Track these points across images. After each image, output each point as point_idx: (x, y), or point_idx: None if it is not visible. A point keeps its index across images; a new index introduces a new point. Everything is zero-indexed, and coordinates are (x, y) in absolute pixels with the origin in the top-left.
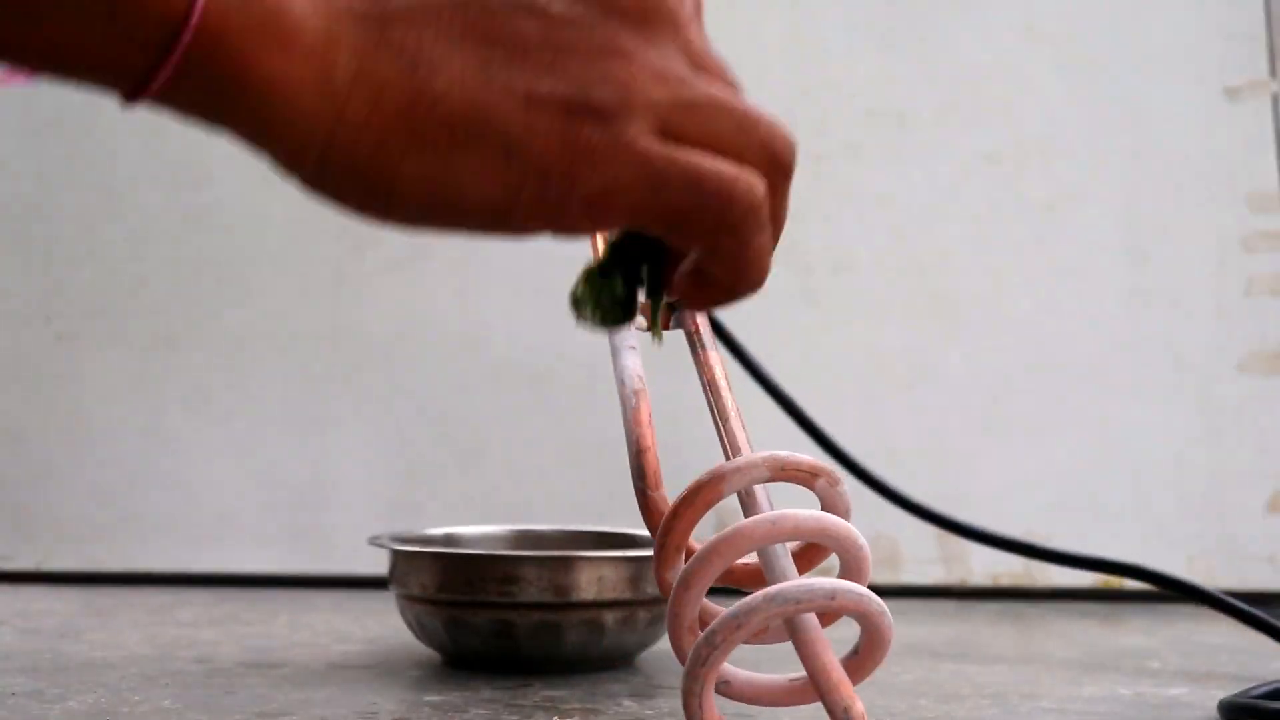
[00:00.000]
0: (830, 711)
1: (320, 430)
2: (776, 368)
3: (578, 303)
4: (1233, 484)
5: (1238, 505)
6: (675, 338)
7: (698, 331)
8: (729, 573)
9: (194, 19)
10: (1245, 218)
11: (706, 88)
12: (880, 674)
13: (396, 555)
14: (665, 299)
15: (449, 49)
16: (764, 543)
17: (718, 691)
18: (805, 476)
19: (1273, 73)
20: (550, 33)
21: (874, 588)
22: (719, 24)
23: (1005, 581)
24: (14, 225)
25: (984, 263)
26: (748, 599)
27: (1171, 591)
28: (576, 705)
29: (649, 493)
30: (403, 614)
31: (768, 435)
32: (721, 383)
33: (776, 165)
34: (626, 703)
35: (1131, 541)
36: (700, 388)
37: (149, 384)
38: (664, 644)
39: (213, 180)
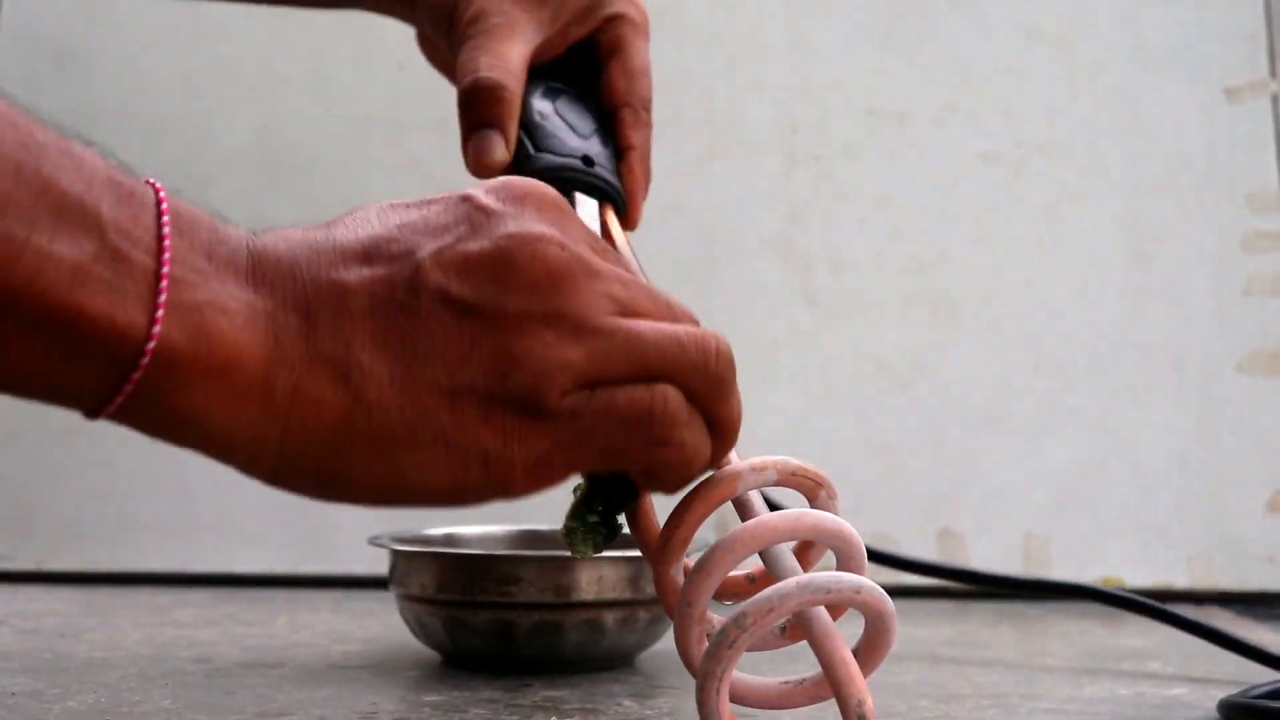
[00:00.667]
0: (843, 704)
1: None
2: (776, 367)
3: (570, 537)
4: (1233, 484)
5: (1238, 505)
6: None
7: None
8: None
9: (142, 365)
10: (1245, 218)
11: (627, 328)
12: (880, 674)
13: (396, 555)
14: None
15: (374, 356)
16: (786, 537)
17: None
18: (810, 485)
19: (1273, 73)
20: (463, 324)
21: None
22: (719, 24)
23: None
24: None
25: (984, 263)
26: (780, 585)
27: (1116, 606)
28: (576, 705)
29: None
30: (403, 614)
31: None
32: None
33: (708, 375)
34: (626, 703)
35: (1131, 541)
36: None
37: None
38: (664, 644)
39: (213, 181)
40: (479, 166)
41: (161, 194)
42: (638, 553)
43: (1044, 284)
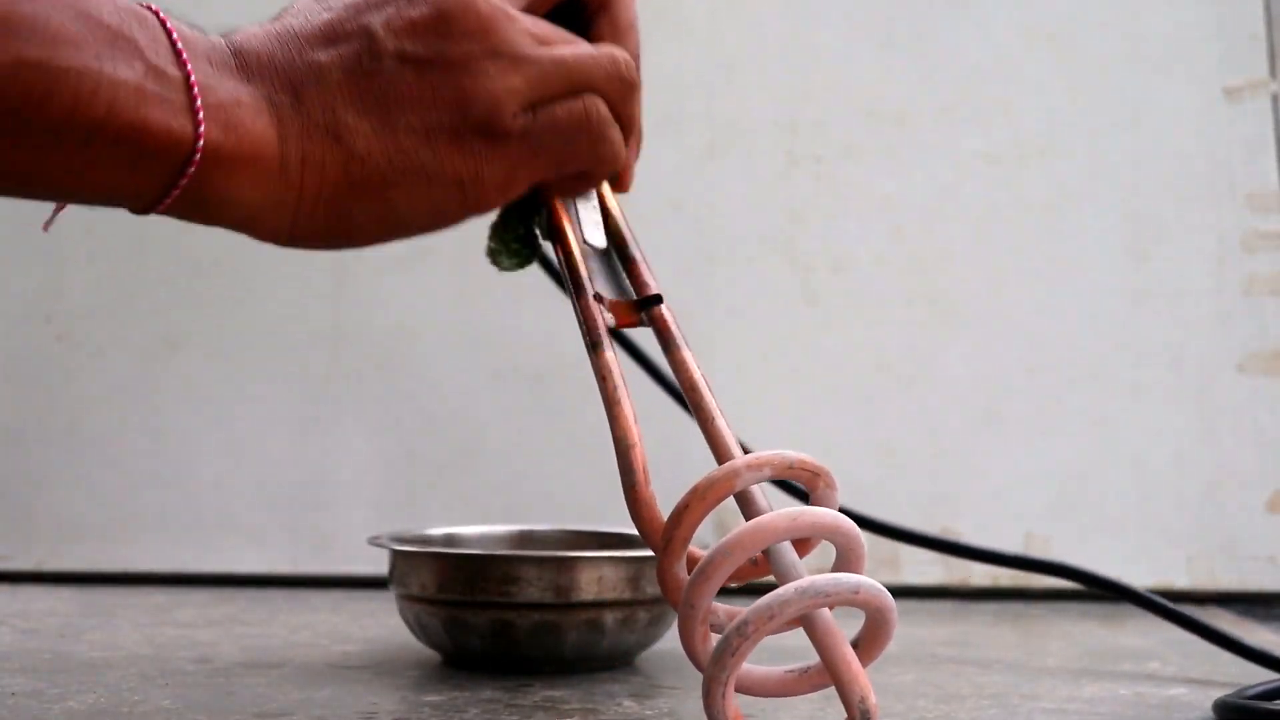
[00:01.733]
0: (846, 700)
1: (320, 430)
2: (776, 367)
3: (493, 253)
4: (1233, 484)
5: (1238, 505)
6: (647, 336)
7: (669, 332)
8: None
9: (195, 161)
10: (1245, 218)
11: (550, 53)
12: (880, 674)
13: (396, 555)
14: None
15: (356, 113)
16: (787, 536)
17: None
18: (809, 476)
19: (1273, 73)
20: (422, 75)
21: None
22: (719, 24)
23: (1005, 582)
24: (14, 225)
25: (984, 263)
26: (779, 591)
27: (1101, 591)
28: (576, 705)
29: (639, 489)
30: (402, 614)
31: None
32: (701, 383)
33: (622, 81)
34: (626, 703)
35: (1131, 541)
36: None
37: (149, 384)
38: (664, 644)
39: None
40: None
41: (159, 13)
42: (637, 553)
43: (1044, 284)
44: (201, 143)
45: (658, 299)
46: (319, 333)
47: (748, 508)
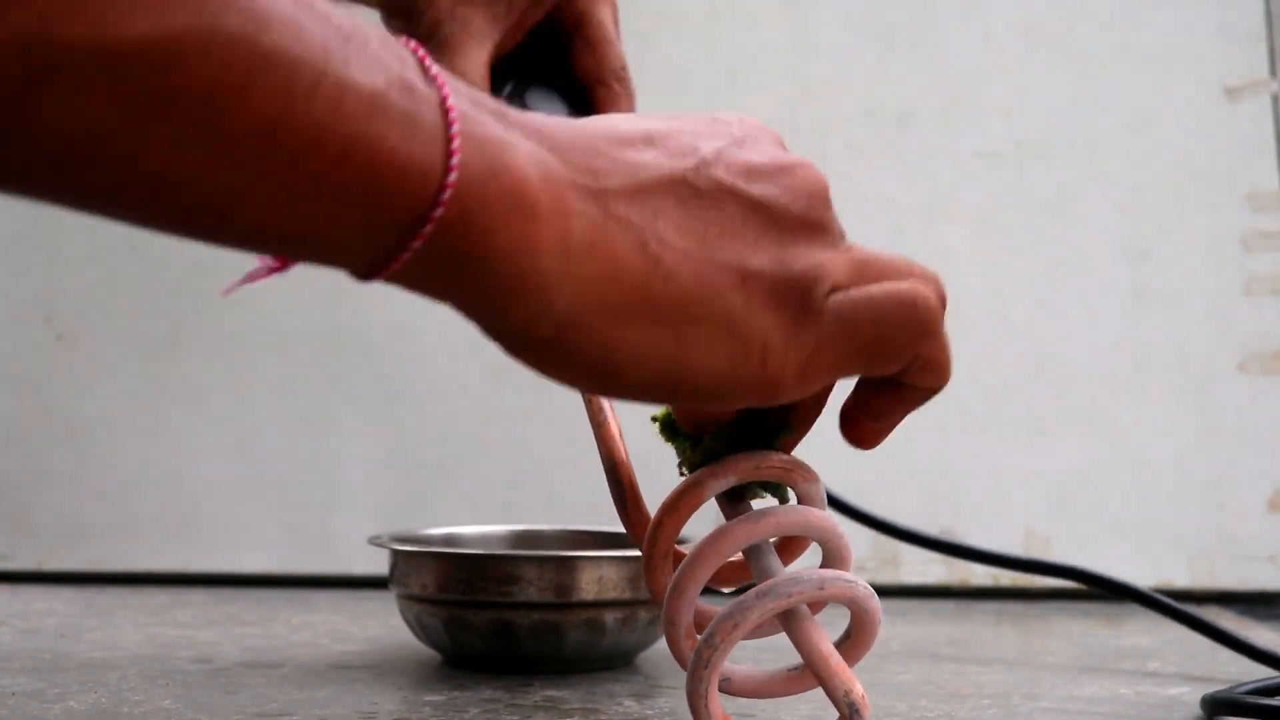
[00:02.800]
0: (832, 696)
1: (320, 430)
2: None
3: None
4: (1233, 483)
5: (1238, 505)
6: None
7: None
8: (716, 574)
9: (444, 201)
10: (1245, 217)
11: (869, 250)
12: (880, 674)
13: (397, 555)
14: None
15: (669, 226)
16: (747, 541)
17: (720, 689)
18: (781, 473)
19: (1273, 72)
20: (749, 216)
21: (875, 587)
22: (719, 24)
23: (1006, 581)
24: (14, 225)
25: (984, 263)
26: (740, 598)
27: (1103, 591)
28: (576, 705)
29: (629, 506)
30: (403, 614)
31: None
32: None
33: (939, 293)
34: (626, 703)
35: (1132, 541)
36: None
37: (149, 384)
38: (664, 644)
39: None
40: None
41: (415, 47)
42: (638, 553)
43: (1044, 284)
44: (453, 176)
45: None
46: (319, 333)
47: (734, 514)
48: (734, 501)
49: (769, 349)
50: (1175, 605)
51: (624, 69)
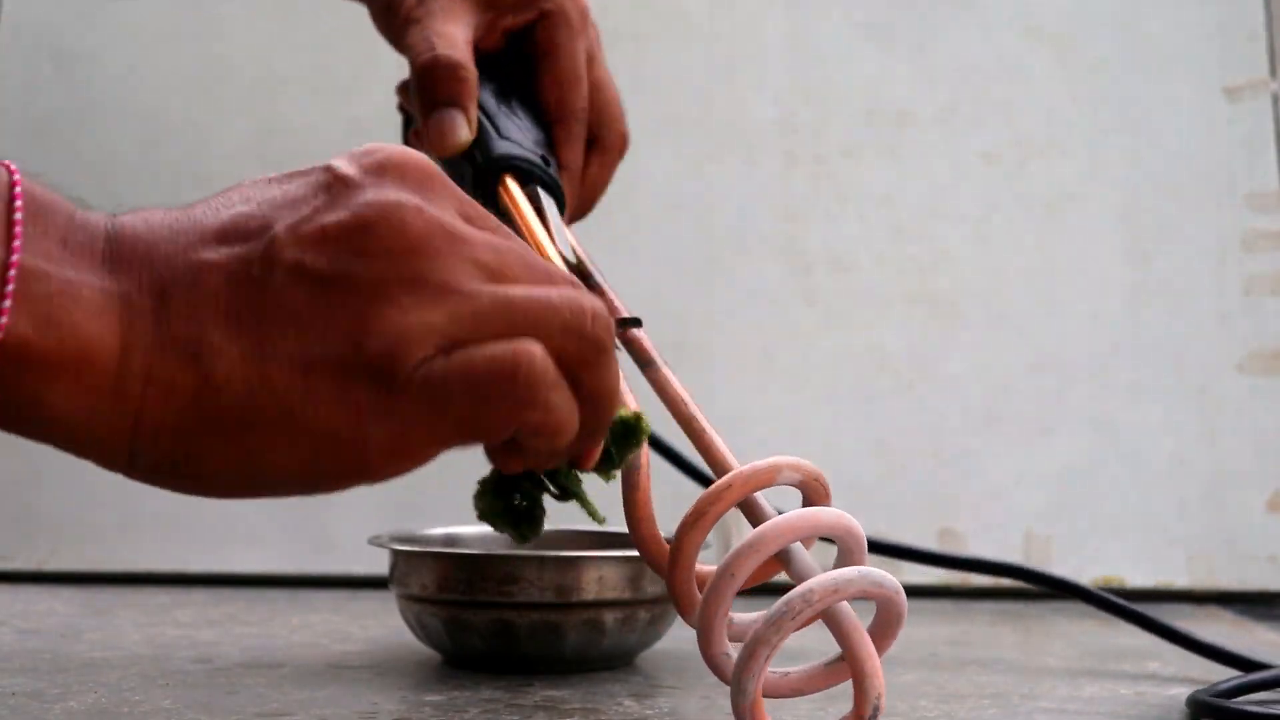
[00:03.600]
0: (864, 694)
1: None
2: (776, 367)
3: (483, 517)
4: (1233, 483)
5: (1238, 505)
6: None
7: (646, 352)
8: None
9: None
10: (1245, 217)
11: (491, 291)
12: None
13: (397, 555)
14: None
15: (226, 333)
16: (797, 536)
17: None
18: (798, 478)
19: (1273, 72)
20: (317, 296)
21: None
22: (719, 24)
23: (1006, 582)
24: None
25: (984, 263)
26: (815, 581)
27: (1050, 590)
28: (576, 705)
29: (638, 507)
30: (403, 614)
31: None
32: (686, 398)
33: (584, 339)
34: (626, 703)
35: (1131, 541)
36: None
37: None
38: (664, 644)
39: (213, 181)
40: (441, 146)
41: (16, 177)
42: (636, 553)
43: (1044, 284)
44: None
45: (637, 321)
46: None
47: (753, 512)
48: (754, 510)
49: (341, 440)
50: (1121, 603)
51: (584, 110)
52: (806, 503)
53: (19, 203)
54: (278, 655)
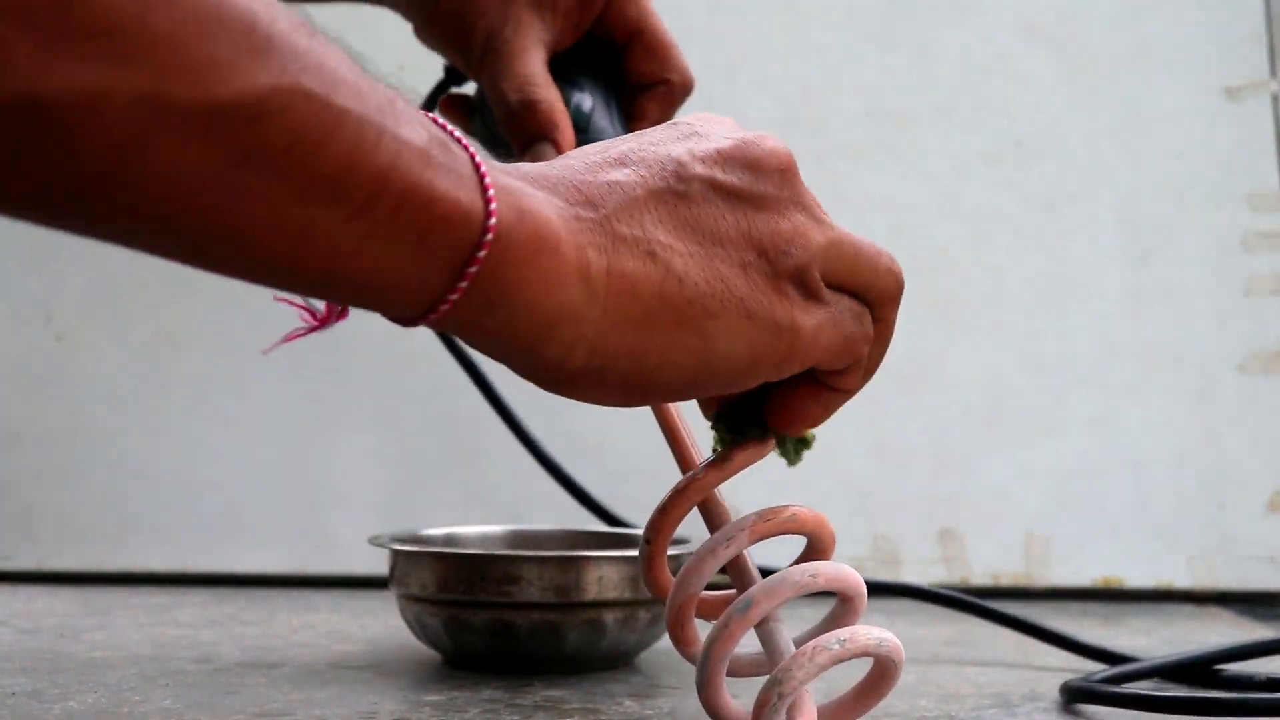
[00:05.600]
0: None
1: (320, 430)
2: None
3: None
4: (1233, 483)
5: (1238, 505)
6: None
7: None
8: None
9: (487, 243)
10: (1245, 217)
11: (841, 230)
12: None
13: (397, 555)
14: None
15: (669, 234)
16: (802, 592)
17: None
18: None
19: (1273, 73)
20: (735, 207)
21: (874, 587)
22: (719, 24)
23: (1005, 581)
24: (14, 225)
25: (984, 263)
26: (818, 641)
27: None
28: (576, 705)
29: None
30: (403, 614)
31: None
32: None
33: (897, 285)
34: (627, 703)
35: (1131, 541)
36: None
37: (149, 384)
38: (664, 644)
39: None
40: None
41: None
42: (638, 552)
43: (1044, 284)
44: (494, 220)
45: None
46: (319, 332)
47: (711, 513)
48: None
49: (783, 330)
50: (970, 600)
51: (688, 74)
52: (810, 553)
53: (443, 124)
54: (278, 655)
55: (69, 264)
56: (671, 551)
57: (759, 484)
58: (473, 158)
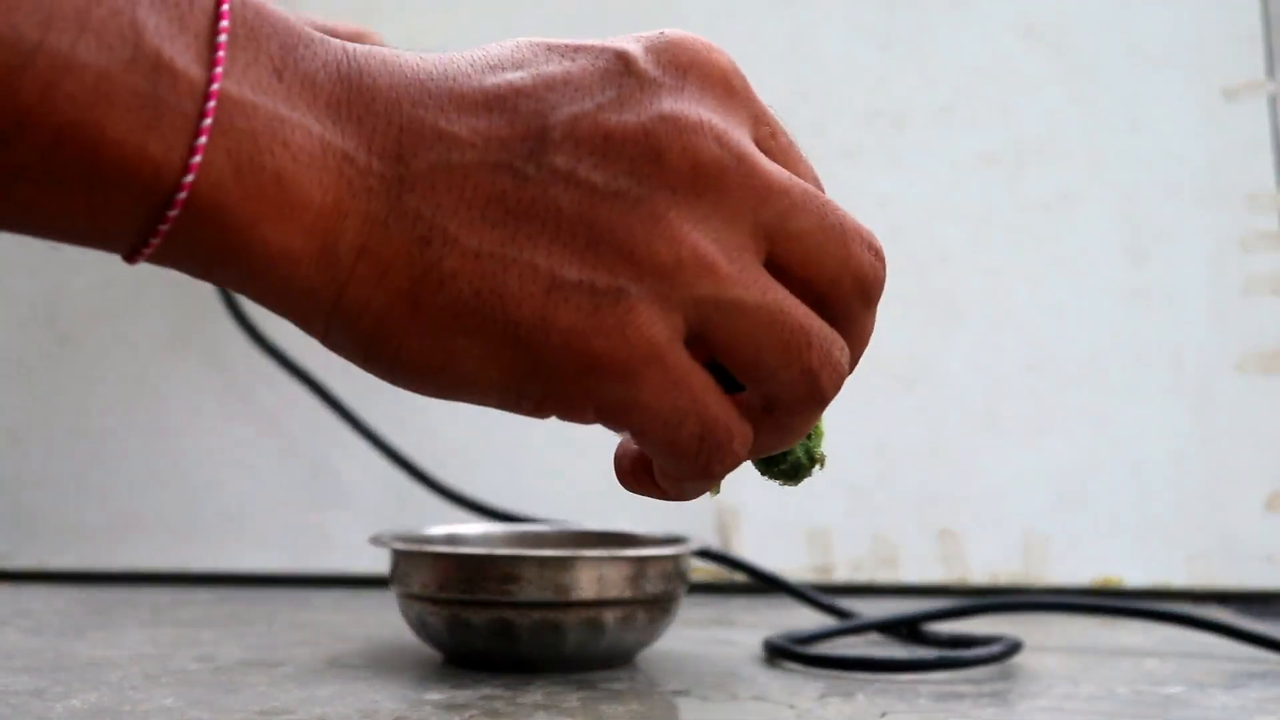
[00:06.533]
0: None
1: (321, 430)
2: None
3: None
4: (1231, 483)
5: (1236, 504)
6: None
7: None
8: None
9: (179, 202)
10: (1243, 218)
11: (769, 287)
12: (880, 672)
13: (397, 554)
14: None
15: (468, 221)
16: None
17: None
18: None
19: (1270, 73)
20: (585, 209)
21: (874, 586)
22: (719, 24)
23: (1004, 580)
24: None
25: (983, 263)
26: None
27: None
28: (576, 705)
29: None
30: (404, 613)
31: None
32: None
33: (877, 261)
34: (626, 703)
35: (1130, 540)
36: None
37: (151, 385)
38: (664, 644)
39: None
40: None
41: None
42: (637, 552)
43: (1043, 284)
44: (191, 176)
45: None
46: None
47: None
48: None
49: (561, 378)
50: (823, 600)
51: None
52: None
53: (225, 22)
54: (279, 654)
55: (72, 266)
56: (671, 551)
57: (759, 484)
58: (210, 83)
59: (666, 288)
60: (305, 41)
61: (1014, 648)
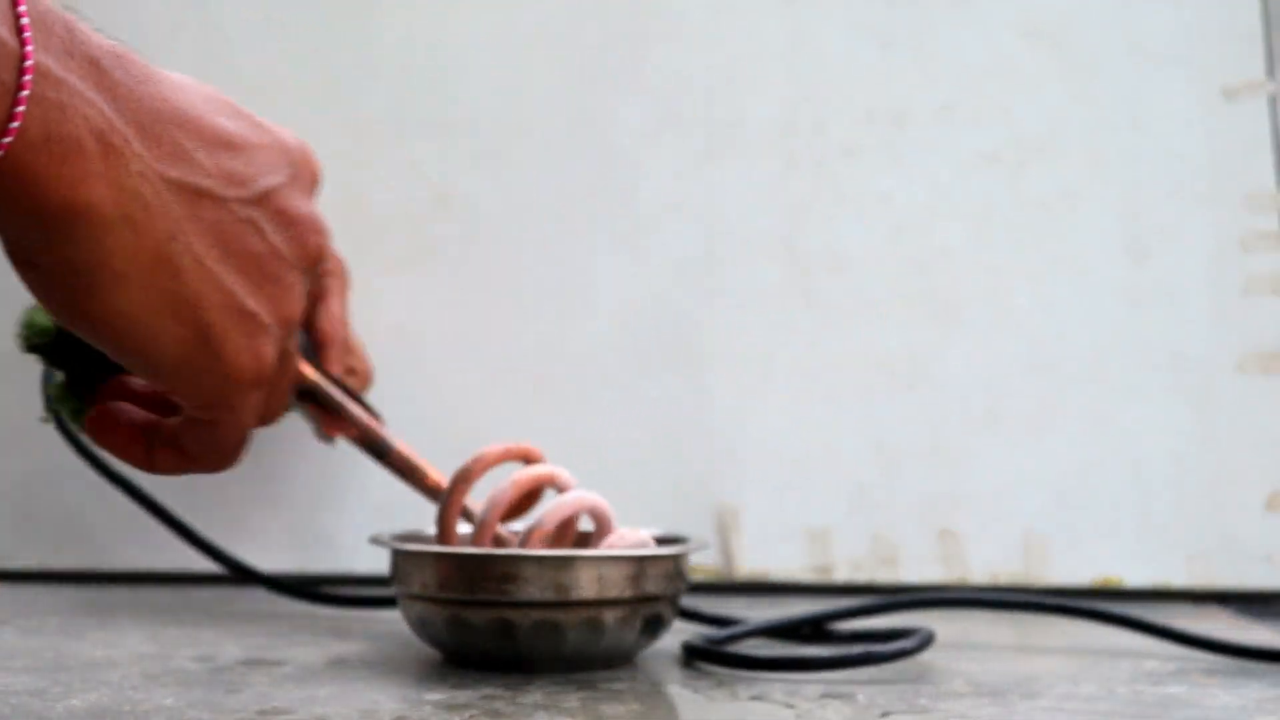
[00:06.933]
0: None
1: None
2: (776, 367)
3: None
4: (1231, 483)
5: (1236, 504)
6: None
7: (333, 401)
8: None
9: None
10: (1243, 217)
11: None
12: (880, 673)
13: (397, 554)
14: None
15: (197, 232)
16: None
17: None
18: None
19: (1270, 73)
20: (263, 254)
21: (873, 586)
22: (719, 24)
23: (1004, 580)
24: None
25: (983, 262)
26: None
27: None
28: (576, 705)
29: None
30: (404, 613)
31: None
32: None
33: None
34: (627, 703)
35: (1130, 540)
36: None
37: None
38: (664, 643)
39: None
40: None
41: None
42: (638, 552)
43: (1043, 284)
44: (10, 139)
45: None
46: None
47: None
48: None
49: (229, 379)
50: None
51: (348, 342)
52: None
53: (23, 7)
54: (279, 653)
55: None
56: (670, 551)
57: (759, 484)
58: (24, 59)
59: (283, 334)
60: (81, 28)
61: (928, 640)
